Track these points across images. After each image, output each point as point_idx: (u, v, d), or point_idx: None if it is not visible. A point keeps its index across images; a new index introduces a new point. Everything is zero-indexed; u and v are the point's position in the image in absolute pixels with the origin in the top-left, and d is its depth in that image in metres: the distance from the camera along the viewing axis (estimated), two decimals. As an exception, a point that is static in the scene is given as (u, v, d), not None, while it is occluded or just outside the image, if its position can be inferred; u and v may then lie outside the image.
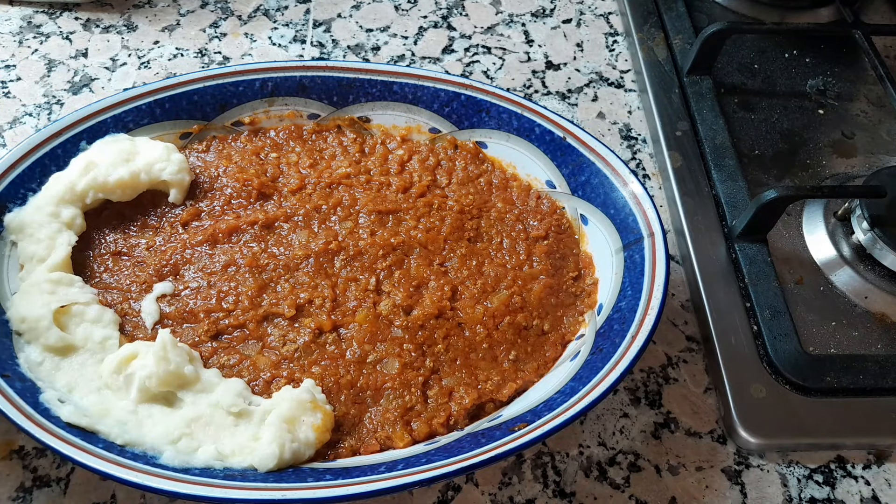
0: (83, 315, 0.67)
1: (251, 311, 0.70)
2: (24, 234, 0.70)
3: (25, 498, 0.63)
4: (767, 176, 0.87)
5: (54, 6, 1.00)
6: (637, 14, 1.02)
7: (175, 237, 0.75)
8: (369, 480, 0.57)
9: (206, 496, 0.56)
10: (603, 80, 0.98)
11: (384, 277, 0.73)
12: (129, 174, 0.74)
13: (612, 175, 0.76)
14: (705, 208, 0.83)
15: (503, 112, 0.81)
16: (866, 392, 0.71)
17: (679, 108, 0.92)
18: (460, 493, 0.66)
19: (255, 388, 0.66)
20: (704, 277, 0.77)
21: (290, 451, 0.60)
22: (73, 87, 0.92)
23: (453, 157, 0.83)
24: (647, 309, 0.66)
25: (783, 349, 0.72)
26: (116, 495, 0.64)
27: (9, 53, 0.94)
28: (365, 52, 0.99)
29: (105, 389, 0.64)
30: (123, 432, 0.60)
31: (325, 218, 0.77)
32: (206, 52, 0.97)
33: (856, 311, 0.77)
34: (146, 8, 1.01)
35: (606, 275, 0.74)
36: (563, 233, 0.78)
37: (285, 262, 0.73)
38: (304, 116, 0.84)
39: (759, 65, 0.99)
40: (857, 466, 0.69)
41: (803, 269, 0.80)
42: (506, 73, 0.98)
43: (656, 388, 0.73)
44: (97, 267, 0.73)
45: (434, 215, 0.78)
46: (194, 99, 0.80)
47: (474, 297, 0.73)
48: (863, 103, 0.96)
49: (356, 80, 0.82)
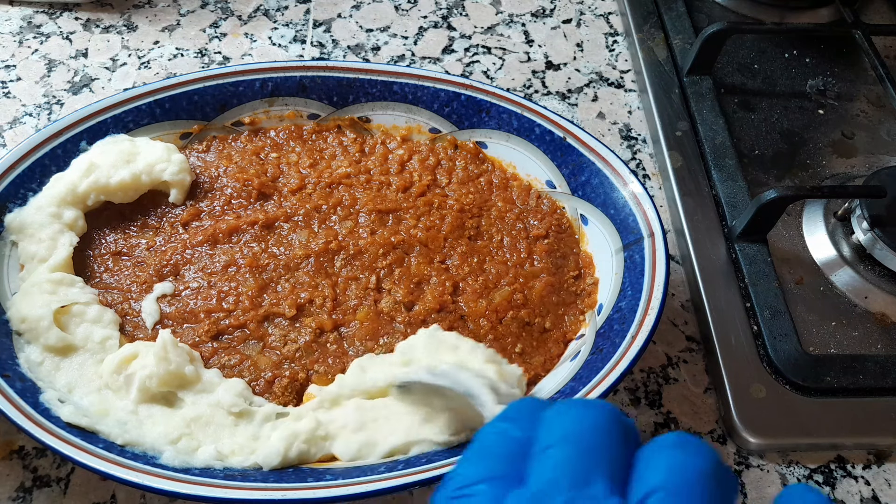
0: (83, 315, 0.67)
1: (252, 311, 0.70)
2: (25, 234, 0.70)
3: (25, 498, 0.63)
4: (767, 176, 0.87)
5: (54, 6, 1.00)
6: (637, 14, 1.02)
7: (175, 237, 0.75)
8: (369, 480, 0.57)
9: (206, 496, 0.56)
10: (603, 80, 0.98)
11: (385, 276, 0.74)
12: (130, 176, 0.74)
13: (612, 175, 0.76)
14: (705, 208, 0.83)
15: (503, 112, 0.81)
16: (866, 392, 0.71)
17: (679, 108, 0.92)
18: (460, 493, 0.65)
19: (255, 389, 0.66)
20: (704, 277, 0.77)
21: (296, 450, 0.60)
22: (73, 87, 0.92)
23: (453, 157, 0.83)
24: (647, 309, 0.66)
25: (783, 349, 0.72)
26: (116, 495, 0.64)
27: (9, 53, 0.94)
28: (365, 52, 0.99)
29: (105, 389, 0.64)
30: (123, 432, 0.60)
31: (325, 217, 0.77)
32: (206, 52, 0.97)
33: (856, 311, 0.77)
34: (146, 8, 1.01)
35: (606, 275, 0.74)
36: (564, 232, 0.79)
37: (286, 262, 0.73)
38: (304, 116, 0.84)
39: (759, 65, 0.99)
40: (857, 466, 0.69)
41: (803, 269, 0.80)
42: (506, 73, 0.98)
43: (656, 388, 0.73)
44: (97, 267, 0.73)
45: (434, 214, 0.78)
46: (194, 99, 0.80)
47: (476, 292, 0.73)
48: (863, 103, 0.96)
49: (356, 80, 0.82)
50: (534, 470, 0.36)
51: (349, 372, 0.66)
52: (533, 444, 0.38)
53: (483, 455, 0.39)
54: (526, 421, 0.40)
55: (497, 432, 0.40)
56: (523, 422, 0.40)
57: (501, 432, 0.40)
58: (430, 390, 0.60)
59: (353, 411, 0.63)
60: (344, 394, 0.64)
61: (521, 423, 0.40)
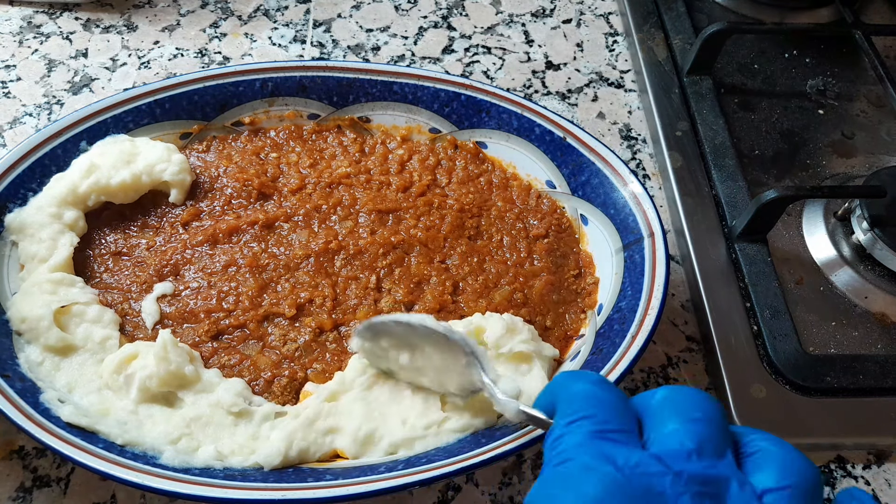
0: (83, 315, 0.67)
1: (251, 310, 0.70)
2: (25, 234, 0.70)
3: (25, 498, 0.63)
4: (767, 176, 0.87)
5: (54, 6, 1.00)
6: (637, 14, 1.02)
7: (175, 237, 0.75)
8: (369, 480, 0.57)
9: (206, 496, 0.56)
10: (603, 80, 0.98)
11: (385, 275, 0.74)
12: (130, 176, 0.74)
13: (612, 175, 0.76)
14: (705, 208, 0.83)
15: (503, 112, 0.81)
16: (866, 392, 0.71)
17: (679, 108, 0.92)
18: (460, 493, 0.66)
19: (255, 388, 0.66)
20: (704, 277, 0.77)
21: (297, 450, 0.60)
22: (73, 87, 0.92)
23: (453, 157, 0.83)
24: (647, 309, 0.66)
25: (783, 349, 0.72)
26: (116, 495, 0.64)
27: (9, 53, 0.94)
28: (365, 52, 0.99)
29: (105, 389, 0.64)
30: (123, 432, 0.60)
31: (325, 217, 0.77)
32: (206, 52, 0.97)
33: (856, 311, 0.77)
34: (146, 8, 1.01)
35: (606, 275, 0.74)
36: (564, 232, 0.79)
37: (285, 262, 0.73)
38: (304, 116, 0.84)
39: (759, 65, 0.99)
40: (857, 466, 0.69)
41: (803, 269, 0.80)
42: (506, 73, 0.98)
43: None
44: (97, 267, 0.73)
45: (434, 214, 0.78)
46: (194, 99, 0.80)
47: (476, 291, 0.73)
48: (863, 103, 0.96)
49: (356, 80, 0.82)
50: (663, 436, 0.41)
51: (349, 367, 0.66)
52: (646, 413, 0.43)
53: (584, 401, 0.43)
54: (613, 388, 0.44)
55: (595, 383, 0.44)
56: (609, 386, 0.44)
57: (600, 387, 0.44)
58: (402, 333, 0.61)
59: (357, 404, 0.63)
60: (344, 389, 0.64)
61: (608, 387, 0.44)
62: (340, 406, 0.63)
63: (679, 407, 0.42)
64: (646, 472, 0.38)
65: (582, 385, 0.44)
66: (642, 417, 0.43)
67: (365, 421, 0.62)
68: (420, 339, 0.61)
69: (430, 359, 0.61)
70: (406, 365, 0.62)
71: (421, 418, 0.62)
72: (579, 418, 0.42)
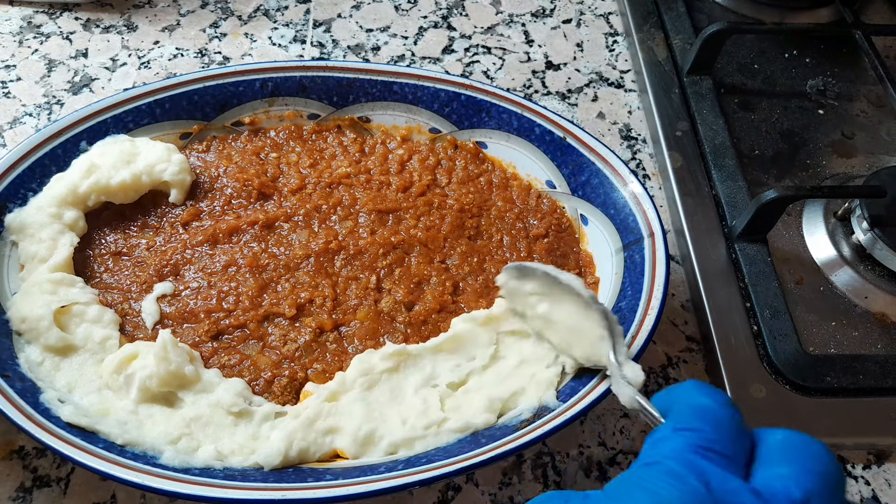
0: (83, 315, 0.67)
1: (252, 310, 0.70)
2: (25, 234, 0.70)
3: (25, 498, 0.63)
4: (767, 176, 0.87)
5: (54, 6, 1.00)
6: (637, 14, 1.02)
7: (175, 237, 0.75)
8: (369, 480, 0.57)
9: (206, 496, 0.56)
10: (603, 80, 0.98)
11: (385, 275, 0.74)
12: (130, 176, 0.74)
13: (612, 175, 0.76)
14: (705, 208, 0.83)
15: (503, 112, 0.81)
16: (866, 392, 0.71)
17: (679, 108, 0.92)
18: (460, 493, 0.66)
19: (255, 388, 0.66)
20: (704, 277, 0.77)
21: (297, 450, 0.60)
22: (73, 87, 0.92)
23: (453, 157, 0.83)
24: (647, 309, 0.66)
25: (783, 349, 0.72)
26: (116, 495, 0.64)
27: (9, 53, 0.94)
28: (365, 52, 0.99)
29: (105, 389, 0.64)
30: (123, 432, 0.60)
31: (325, 217, 0.77)
32: (206, 52, 0.97)
33: (856, 311, 0.77)
34: (146, 8, 1.01)
35: (606, 275, 0.74)
36: (564, 231, 0.79)
37: (286, 262, 0.73)
38: (304, 116, 0.84)
39: (759, 65, 0.99)
40: (857, 466, 0.69)
41: (803, 269, 0.80)
42: (506, 73, 0.98)
43: (656, 388, 0.73)
44: (97, 267, 0.73)
45: (434, 214, 0.78)
46: (194, 99, 0.80)
47: (476, 291, 0.73)
48: (863, 103, 0.96)
49: (356, 80, 0.82)
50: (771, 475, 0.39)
51: (350, 367, 0.66)
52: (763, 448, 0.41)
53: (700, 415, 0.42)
54: (736, 413, 0.43)
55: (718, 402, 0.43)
56: (733, 411, 0.43)
57: (722, 408, 0.42)
58: (548, 285, 0.61)
59: (357, 405, 0.63)
60: (344, 389, 0.64)
61: (731, 411, 0.43)
62: (340, 406, 0.63)
63: (799, 453, 0.41)
64: (737, 502, 0.38)
65: (704, 400, 0.43)
66: (757, 451, 0.42)
67: (365, 421, 0.62)
68: (564, 296, 0.62)
69: (566, 319, 0.61)
70: (541, 314, 0.63)
71: (421, 418, 0.62)
72: (688, 428, 0.41)
